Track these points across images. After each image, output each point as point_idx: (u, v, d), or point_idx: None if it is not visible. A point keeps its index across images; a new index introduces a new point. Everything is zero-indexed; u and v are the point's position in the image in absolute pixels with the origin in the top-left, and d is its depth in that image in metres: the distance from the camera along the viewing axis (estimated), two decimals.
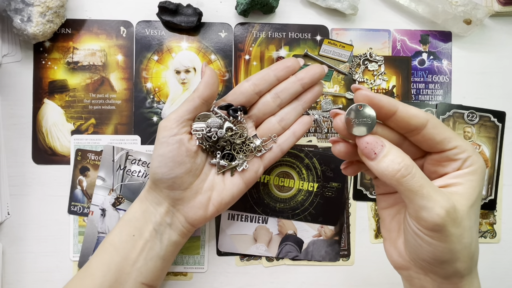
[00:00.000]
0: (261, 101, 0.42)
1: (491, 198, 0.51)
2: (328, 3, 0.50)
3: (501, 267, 0.51)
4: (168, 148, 0.39)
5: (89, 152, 0.49)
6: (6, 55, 0.49)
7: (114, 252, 0.40)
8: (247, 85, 0.41)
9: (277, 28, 0.50)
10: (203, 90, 0.40)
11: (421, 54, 0.51)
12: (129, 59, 0.50)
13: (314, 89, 0.43)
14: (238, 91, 0.41)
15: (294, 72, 0.42)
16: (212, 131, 0.40)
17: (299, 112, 0.43)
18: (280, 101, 0.42)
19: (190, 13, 0.49)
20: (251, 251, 0.49)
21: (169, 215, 0.41)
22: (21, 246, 0.48)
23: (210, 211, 0.41)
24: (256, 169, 0.42)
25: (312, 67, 0.42)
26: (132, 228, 0.40)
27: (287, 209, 0.50)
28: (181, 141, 0.39)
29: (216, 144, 0.41)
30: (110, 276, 0.39)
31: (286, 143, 0.43)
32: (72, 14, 0.49)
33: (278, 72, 0.42)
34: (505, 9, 0.49)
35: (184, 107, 0.40)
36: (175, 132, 0.39)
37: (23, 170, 0.49)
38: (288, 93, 0.42)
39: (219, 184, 0.41)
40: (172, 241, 0.41)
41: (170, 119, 0.39)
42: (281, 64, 0.42)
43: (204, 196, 0.41)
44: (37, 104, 0.49)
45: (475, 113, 0.51)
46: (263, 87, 0.42)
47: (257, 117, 0.43)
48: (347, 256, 0.50)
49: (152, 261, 0.40)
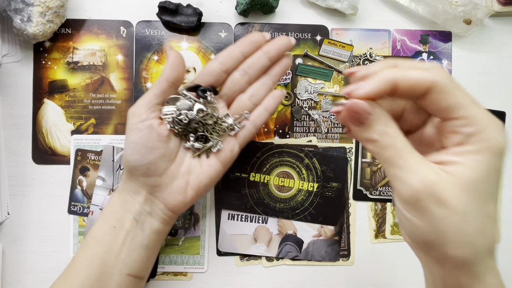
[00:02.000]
0: (229, 79, 0.42)
1: None
2: (328, 3, 0.50)
3: (501, 267, 0.51)
4: (138, 134, 0.38)
5: (89, 152, 0.49)
6: (6, 55, 0.49)
7: (97, 245, 0.39)
8: (213, 64, 0.41)
9: (277, 28, 0.50)
10: (169, 72, 0.39)
11: (421, 54, 0.51)
12: (129, 59, 0.50)
13: (282, 61, 0.42)
14: (206, 72, 0.41)
15: (260, 47, 0.41)
16: (182, 113, 0.40)
17: (269, 87, 0.43)
18: (248, 77, 0.41)
19: (190, 13, 0.49)
20: (251, 251, 0.49)
21: (148, 203, 0.40)
22: (21, 246, 0.48)
23: (189, 195, 0.40)
24: (232, 148, 0.42)
25: (277, 39, 0.41)
26: (112, 220, 0.40)
27: (287, 209, 0.50)
28: (151, 126, 0.39)
29: (188, 127, 0.40)
30: (94, 269, 0.38)
31: (259, 119, 0.42)
32: (72, 14, 0.49)
33: (243, 48, 0.41)
34: (505, 9, 0.49)
35: (151, 92, 0.39)
36: (144, 117, 0.39)
37: (23, 170, 0.49)
38: (256, 68, 0.41)
39: (196, 168, 0.41)
40: (154, 229, 0.40)
41: (139, 105, 0.39)
42: (246, 39, 0.41)
43: (182, 180, 0.40)
44: (37, 104, 0.49)
45: None
46: (230, 64, 0.41)
47: (228, 96, 0.42)
48: (347, 256, 0.50)
49: (135, 251, 0.40)
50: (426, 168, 0.27)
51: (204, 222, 0.49)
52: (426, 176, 0.26)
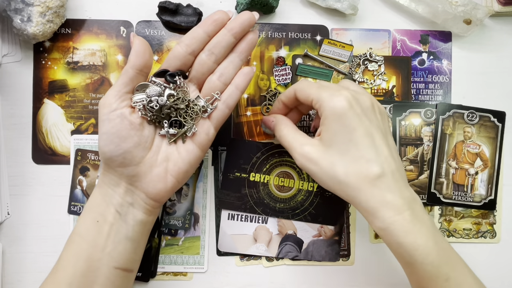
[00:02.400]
0: (196, 61, 0.41)
1: (491, 198, 0.51)
2: (328, 3, 0.50)
3: (501, 267, 0.51)
4: (110, 125, 0.38)
5: (89, 152, 0.49)
6: (6, 55, 0.49)
7: (81, 241, 0.39)
8: (178, 47, 0.40)
9: (277, 28, 0.50)
10: (134, 59, 0.39)
11: (421, 54, 0.51)
12: None
13: (248, 37, 0.42)
14: (172, 56, 0.41)
15: (222, 25, 0.41)
16: (153, 100, 0.39)
17: (238, 65, 0.42)
18: (215, 57, 0.41)
19: (190, 13, 0.49)
20: (251, 251, 0.49)
21: (128, 194, 0.40)
22: (21, 246, 0.48)
23: (170, 183, 0.40)
24: (207, 131, 0.41)
25: (240, 15, 0.41)
26: (95, 214, 0.40)
27: (287, 209, 0.50)
28: (122, 115, 0.38)
29: (160, 114, 0.40)
30: (80, 264, 0.38)
31: (231, 99, 0.41)
32: (72, 14, 0.49)
33: (206, 27, 0.40)
34: (505, 9, 0.49)
35: (119, 81, 0.39)
36: (114, 107, 0.38)
37: (23, 170, 0.49)
38: (221, 46, 0.40)
39: (173, 154, 0.41)
40: (137, 220, 0.40)
41: (108, 95, 0.39)
42: (208, 18, 0.41)
43: (160, 168, 0.40)
44: (37, 104, 0.49)
45: (475, 113, 0.51)
46: (195, 46, 0.40)
47: (198, 79, 0.42)
48: (347, 256, 0.50)
49: (121, 244, 0.39)
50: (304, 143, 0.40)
51: (204, 222, 0.49)
52: (303, 149, 0.40)
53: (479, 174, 0.51)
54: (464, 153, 0.51)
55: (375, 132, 0.38)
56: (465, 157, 0.51)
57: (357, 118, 0.38)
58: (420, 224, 0.36)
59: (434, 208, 0.51)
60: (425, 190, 0.50)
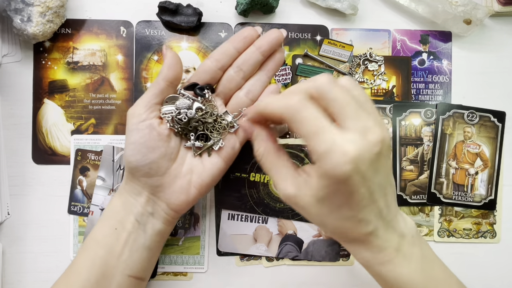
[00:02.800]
0: (224, 76, 0.42)
1: (491, 198, 0.51)
2: (328, 3, 0.50)
3: (501, 267, 0.51)
4: (139, 135, 0.38)
5: (89, 152, 0.49)
6: (6, 55, 0.49)
7: (97, 247, 0.39)
8: (208, 62, 0.41)
9: (277, 28, 0.50)
10: (166, 72, 0.39)
11: (421, 54, 0.51)
12: (129, 59, 0.50)
13: (275, 56, 0.42)
14: (201, 70, 0.41)
15: (252, 42, 0.41)
16: (182, 112, 0.40)
17: (265, 82, 0.43)
18: (243, 74, 0.41)
19: (190, 13, 0.49)
20: (251, 251, 0.49)
21: (150, 204, 0.40)
22: (21, 246, 0.48)
23: (192, 195, 0.40)
24: (233, 145, 0.42)
25: (268, 33, 0.41)
26: (113, 221, 0.40)
27: (287, 209, 0.50)
28: (151, 125, 0.39)
29: (188, 126, 0.41)
30: (95, 270, 0.38)
31: None
32: (72, 14, 0.49)
33: (236, 44, 0.41)
34: (505, 9, 0.49)
35: (150, 92, 0.40)
36: (144, 117, 0.39)
37: (23, 170, 0.49)
38: (249, 64, 0.41)
39: (197, 166, 0.41)
40: (156, 230, 0.40)
41: (138, 105, 0.39)
42: (238, 35, 0.41)
43: (184, 180, 0.40)
44: (37, 104, 0.49)
45: (475, 113, 0.51)
46: (225, 61, 0.41)
47: (225, 94, 0.42)
48: (347, 256, 0.50)
49: (137, 252, 0.40)
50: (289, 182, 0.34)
51: (204, 222, 0.49)
52: (287, 189, 0.33)
53: (479, 174, 0.51)
54: (464, 153, 0.51)
55: (376, 190, 0.32)
56: (465, 157, 0.51)
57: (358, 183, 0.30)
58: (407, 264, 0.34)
59: (434, 208, 0.51)
60: (425, 190, 0.50)
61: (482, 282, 0.50)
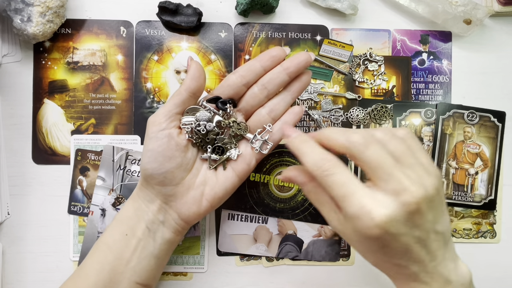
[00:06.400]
0: (248, 93, 0.42)
1: (491, 198, 0.51)
2: (328, 3, 0.50)
3: (501, 267, 0.51)
4: (157, 143, 0.39)
5: (89, 152, 0.49)
6: (6, 55, 0.49)
7: (108, 251, 0.39)
8: (234, 77, 0.41)
9: (277, 28, 0.50)
10: (189, 83, 0.40)
11: (421, 54, 0.51)
12: (129, 59, 0.50)
13: (302, 78, 0.42)
14: (226, 84, 0.41)
15: (280, 62, 0.41)
16: (201, 124, 0.40)
17: (288, 102, 0.43)
18: (267, 92, 0.41)
19: (190, 13, 0.49)
20: (251, 251, 0.49)
21: (161, 213, 0.40)
22: (21, 246, 0.48)
23: (204, 207, 0.41)
24: (249, 162, 0.42)
25: (297, 55, 0.41)
26: (124, 227, 0.40)
27: (287, 209, 0.50)
28: (170, 135, 0.39)
29: (206, 138, 0.41)
30: (103, 275, 0.38)
31: (277, 134, 0.42)
32: (72, 14, 0.49)
33: (264, 62, 0.41)
34: (505, 9, 0.49)
35: (172, 101, 0.40)
36: (164, 126, 0.39)
37: (23, 170, 0.49)
38: (275, 83, 0.41)
39: (211, 179, 0.41)
40: (165, 239, 0.41)
41: (159, 114, 0.39)
42: (266, 54, 0.41)
43: (197, 191, 0.40)
44: (37, 104, 0.49)
45: (475, 113, 0.51)
46: (250, 78, 0.41)
47: (246, 110, 0.42)
48: (347, 256, 0.50)
49: (146, 260, 0.40)
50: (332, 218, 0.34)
51: (204, 222, 0.49)
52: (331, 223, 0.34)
53: (479, 174, 0.51)
54: (464, 153, 0.51)
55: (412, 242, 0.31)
56: (465, 157, 0.51)
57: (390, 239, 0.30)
58: None
59: None
60: None
61: (482, 282, 0.50)
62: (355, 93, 0.51)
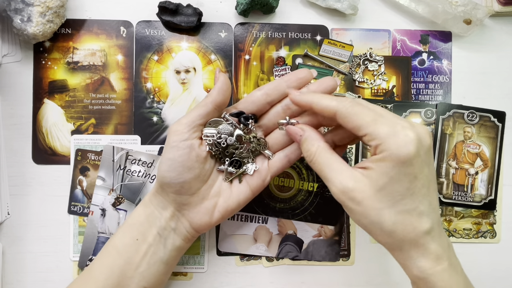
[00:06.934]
0: (272, 111, 0.42)
1: (491, 198, 0.51)
2: (328, 3, 0.50)
3: (501, 267, 0.51)
4: (178, 153, 0.39)
5: (89, 152, 0.49)
6: (6, 55, 0.49)
7: (117, 255, 0.40)
8: (259, 94, 0.41)
9: (277, 28, 0.50)
10: (216, 95, 0.40)
11: (421, 54, 0.51)
12: (129, 59, 0.50)
13: None
14: (250, 100, 0.41)
15: (306, 83, 0.41)
16: (222, 137, 0.40)
17: None
18: (291, 112, 0.41)
19: (190, 13, 0.49)
20: (251, 251, 0.49)
21: (174, 220, 0.41)
22: (21, 246, 0.48)
23: (215, 217, 0.41)
24: (264, 178, 0.42)
25: (325, 80, 0.41)
26: (135, 232, 0.40)
27: (287, 209, 0.50)
28: (191, 146, 0.39)
29: (225, 151, 0.41)
30: (112, 279, 0.39)
31: (294, 154, 0.42)
32: (72, 14, 0.49)
33: (290, 83, 0.41)
34: (505, 9, 0.49)
35: (196, 112, 0.40)
36: (186, 136, 0.39)
37: (23, 170, 0.49)
38: None
39: (226, 191, 0.41)
40: (175, 246, 0.41)
41: (182, 123, 0.39)
42: (293, 75, 0.41)
43: (211, 202, 0.41)
44: (37, 104, 0.49)
45: (475, 113, 0.51)
46: (275, 97, 0.41)
47: (267, 127, 0.42)
48: (347, 256, 0.50)
49: (155, 265, 0.40)
50: (345, 176, 0.34)
51: None
52: (344, 182, 0.34)
53: (479, 174, 0.51)
54: (464, 153, 0.51)
55: (432, 180, 0.34)
56: (465, 157, 0.51)
57: (420, 166, 0.33)
58: (457, 275, 0.35)
59: None
60: None
61: (482, 282, 0.50)
62: (355, 93, 0.51)
